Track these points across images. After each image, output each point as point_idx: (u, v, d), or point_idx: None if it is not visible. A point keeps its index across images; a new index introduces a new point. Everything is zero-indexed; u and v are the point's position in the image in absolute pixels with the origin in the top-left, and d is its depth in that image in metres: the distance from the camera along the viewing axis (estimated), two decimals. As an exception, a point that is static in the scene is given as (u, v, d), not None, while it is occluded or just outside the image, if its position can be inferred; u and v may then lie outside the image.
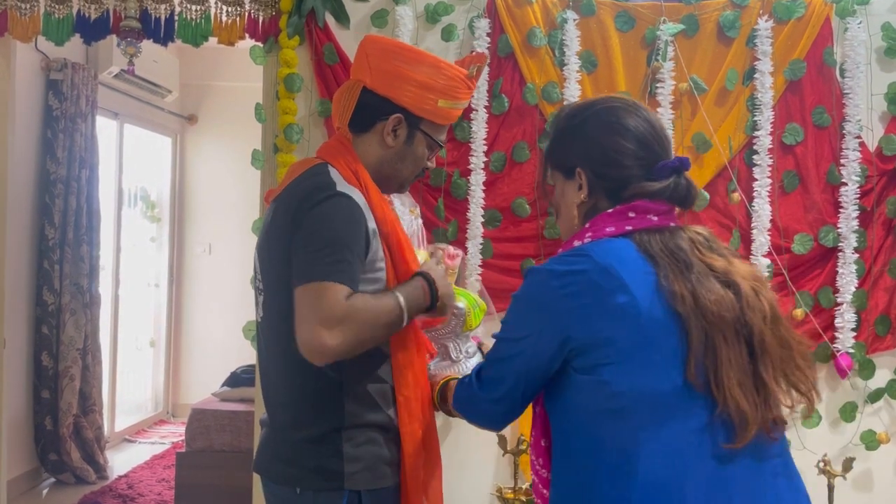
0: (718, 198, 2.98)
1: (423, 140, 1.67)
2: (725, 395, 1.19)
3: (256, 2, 3.04)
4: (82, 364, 4.54)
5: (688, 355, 1.20)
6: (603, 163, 1.34)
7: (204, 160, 6.18)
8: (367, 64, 1.65)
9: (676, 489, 1.19)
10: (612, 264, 1.24)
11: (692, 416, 1.20)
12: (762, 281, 1.29)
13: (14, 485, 4.08)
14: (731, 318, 1.22)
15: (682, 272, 1.23)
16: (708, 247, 1.29)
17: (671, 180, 1.31)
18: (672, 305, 1.21)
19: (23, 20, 3.10)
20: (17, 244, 4.12)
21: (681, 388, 1.20)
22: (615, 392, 1.22)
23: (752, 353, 1.23)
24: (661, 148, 1.34)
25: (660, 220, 1.30)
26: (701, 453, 1.20)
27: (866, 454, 2.95)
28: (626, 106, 1.37)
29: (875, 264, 2.95)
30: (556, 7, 2.97)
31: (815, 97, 2.96)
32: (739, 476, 1.21)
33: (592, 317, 1.23)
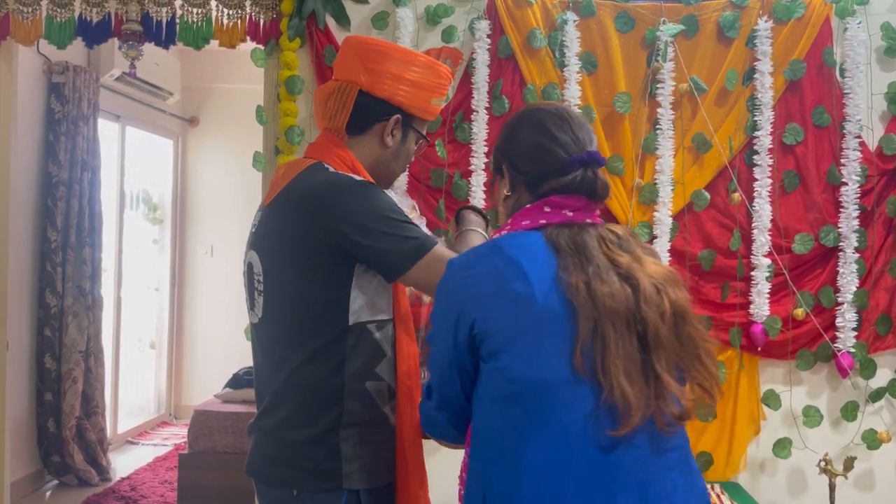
0: (719, 198, 2.98)
1: (413, 137, 1.71)
2: (611, 382, 1.21)
3: (257, 4, 3.05)
4: (85, 366, 4.55)
5: (576, 343, 1.23)
6: (521, 157, 1.41)
7: (205, 162, 6.20)
8: (360, 66, 1.64)
9: (561, 475, 1.23)
10: (515, 255, 1.29)
11: (579, 403, 1.23)
12: (672, 281, 1.31)
13: (17, 487, 4.09)
14: (624, 311, 1.24)
15: (581, 265, 1.27)
16: (617, 244, 1.32)
17: (578, 173, 1.35)
18: (567, 296, 1.25)
19: (25, 24, 3.11)
20: (20, 247, 4.13)
21: (568, 376, 1.23)
22: (510, 378, 1.27)
23: (646, 346, 1.25)
24: (576, 144, 1.38)
25: (574, 215, 1.35)
26: (585, 440, 1.23)
27: (868, 453, 2.96)
28: (552, 108, 1.43)
29: (876, 264, 2.96)
30: (556, 8, 2.98)
31: (815, 97, 2.96)
32: (625, 464, 1.23)
33: (493, 304, 1.28)
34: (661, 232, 2.93)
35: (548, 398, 1.25)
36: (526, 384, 1.26)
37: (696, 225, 2.98)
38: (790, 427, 2.99)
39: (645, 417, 1.22)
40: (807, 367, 2.96)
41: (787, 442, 2.95)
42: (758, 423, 2.99)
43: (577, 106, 2.94)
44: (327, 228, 1.51)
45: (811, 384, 3.01)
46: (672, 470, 1.26)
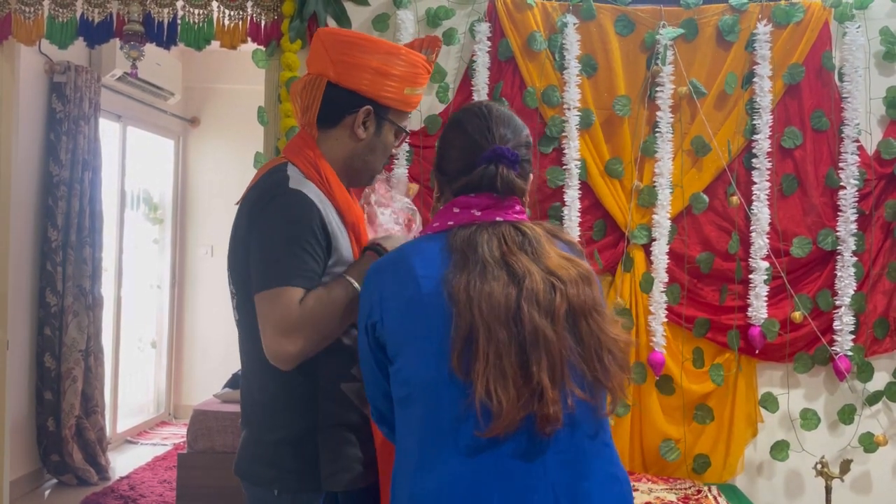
0: (717, 201, 2.99)
1: (390, 129, 1.66)
2: (480, 383, 1.20)
3: (258, 6, 3.06)
4: (85, 365, 4.56)
5: (453, 345, 1.23)
6: (441, 157, 1.43)
7: (206, 162, 6.20)
8: (327, 58, 1.61)
9: (439, 479, 1.23)
10: (411, 259, 1.31)
11: (455, 404, 1.23)
12: (579, 279, 1.28)
13: (16, 486, 4.09)
14: (503, 311, 1.23)
15: (466, 267, 1.26)
16: (519, 243, 1.30)
17: (480, 169, 1.35)
18: (449, 297, 1.25)
19: (27, 23, 3.13)
20: (21, 246, 4.14)
21: (447, 377, 1.23)
22: (403, 380, 1.29)
23: (525, 347, 1.22)
24: (489, 141, 1.37)
25: (483, 214, 1.34)
26: (457, 440, 1.23)
27: (864, 456, 2.96)
28: (476, 106, 1.43)
29: (873, 267, 2.97)
30: (557, 11, 2.99)
31: (813, 101, 2.97)
32: (494, 466, 1.22)
33: (389, 308, 1.30)
34: (659, 234, 2.94)
35: (432, 400, 1.25)
36: (415, 386, 1.27)
37: (695, 228, 2.99)
38: (787, 430, 2.99)
39: (517, 420, 1.20)
40: (804, 370, 2.97)
41: (785, 444, 2.96)
42: (755, 425, 3.00)
43: (576, 108, 2.95)
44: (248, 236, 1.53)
45: (809, 387, 3.02)
46: (559, 476, 1.23)
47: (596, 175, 2.98)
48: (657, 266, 2.94)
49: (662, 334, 2.94)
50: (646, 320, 2.95)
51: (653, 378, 2.96)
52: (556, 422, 1.21)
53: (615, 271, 2.99)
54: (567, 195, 2.96)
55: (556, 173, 2.97)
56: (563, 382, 1.23)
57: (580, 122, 2.96)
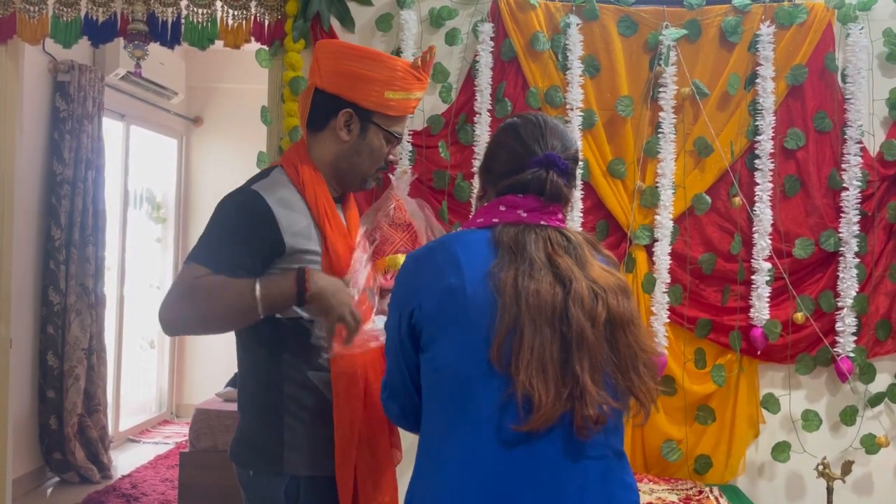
0: (720, 202, 2.99)
1: (377, 132, 1.73)
2: (521, 377, 1.22)
3: (262, 5, 3.07)
4: (87, 364, 4.57)
5: (495, 336, 1.25)
6: (491, 158, 1.47)
7: (209, 162, 6.22)
8: (318, 67, 1.73)
9: (469, 469, 1.25)
10: (456, 250, 1.33)
11: (491, 396, 1.25)
12: (618, 290, 1.32)
13: (19, 484, 4.10)
14: (549, 310, 1.25)
15: (514, 262, 1.29)
16: (563, 247, 1.34)
17: (531, 172, 1.38)
18: (494, 290, 1.27)
19: (31, 22, 3.13)
20: (24, 245, 4.15)
21: (485, 368, 1.25)
22: (436, 368, 1.30)
23: (569, 346, 1.25)
24: (541, 148, 1.40)
25: (528, 216, 1.37)
26: (493, 434, 1.25)
27: (866, 458, 2.96)
28: (531, 115, 1.47)
29: (876, 269, 2.96)
30: (560, 12, 2.99)
31: (816, 102, 2.97)
32: (530, 462, 1.23)
33: (429, 295, 1.32)
34: (661, 235, 2.94)
35: (465, 390, 1.27)
36: (448, 374, 1.29)
37: (697, 228, 2.99)
38: (789, 431, 2.99)
39: (555, 417, 1.22)
40: (806, 371, 2.97)
41: (786, 446, 2.96)
42: (757, 426, 3.00)
43: (579, 109, 2.95)
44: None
45: (810, 388, 3.02)
46: (588, 477, 1.26)
47: (598, 175, 2.98)
48: (659, 267, 2.95)
49: (664, 335, 2.94)
50: (648, 321, 2.95)
51: (654, 378, 2.96)
52: (598, 423, 1.24)
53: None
54: (569, 195, 2.96)
55: (559, 174, 2.97)
56: (599, 386, 1.25)
57: (583, 122, 2.96)
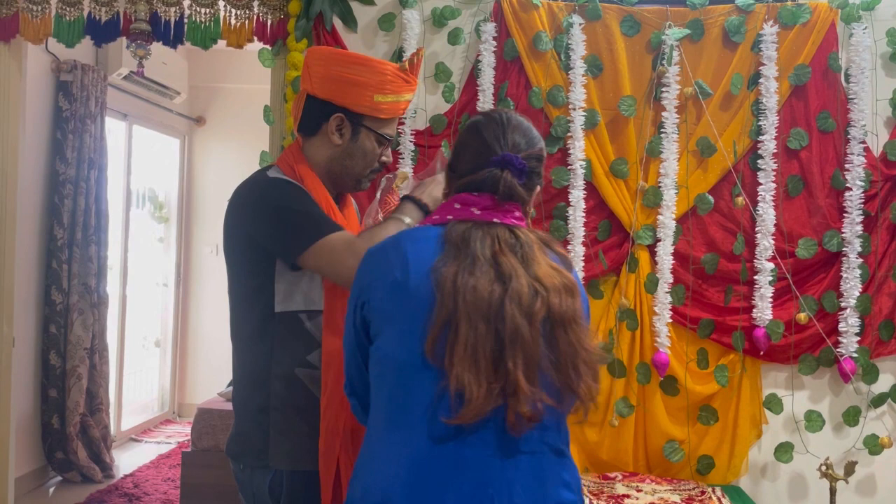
0: (723, 202, 2.99)
1: (368, 135, 1.78)
2: (454, 371, 1.24)
3: (265, 5, 3.07)
4: (89, 363, 4.57)
5: (430, 330, 1.27)
6: (453, 157, 1.49)
7: (212, 161, 6.22)
8: (309, 74, 1.79)
9: (402, 462, 1.28)
10: (406, 246, 1.36)
11: (425, 389, 1.28)
12: (563, 289, 1.32)
13: (21, 483, 4.11)
14: (485, 306, 1.27)
15: (457, 259, 1.31)
16: (511, 245, 1.34)
17: (486, 171, 1.39)
18: (434, 285, 1.29)
19: (34, 22, 3.14)
20: (27, 244, 4.16)
21: (420, 360, 1.27)
22: (379, 359, 1.34)
23: (503, 343, 1.26)
24: (501, 146, 1.42)
25: (482, 214, 1.38)
26: (424, 428, 1.28)
27: (869, 458, 2.96)
28: (495, 112, 1.48)
29: (879, 269, 2.96)
30: (562, 11, 2.99)
31: (819, 102, 2.97)
32: (459, 458, 1.26)
33: (377, 289, 1.36)
34: (664, 235, 2.94)
35: (402, 382, 1.30)
36: (389, 366, 1.32)
37: (700, 228, 2.99)
38: (792, 431, 2.99)
39: (486, 411, 1.24)
40: (809, 371, 2.97)
41: (789, 446, 2.96)
42: (759, 426, 3.00)
43: (581, 109, 2.95)
44: (240, 224, 1.70)
45: (813, 389, 3.01)
46: (519, 473, 1.27)
47: (601, 175, 2.98)
48: (662, 267, 2.94)
49: (667, 335, 2.94)
50: (650, 321, 2.95)
51: (657, 379, 2.96)
52: (530, 419, 1.25)
53: (620, 272, 2.99)
54: (572, 195, 2.96)
55: (561, 173, 2.97)
56: (533, 384, 1.26)
57: (585, 122, 2.96)
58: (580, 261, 2.95)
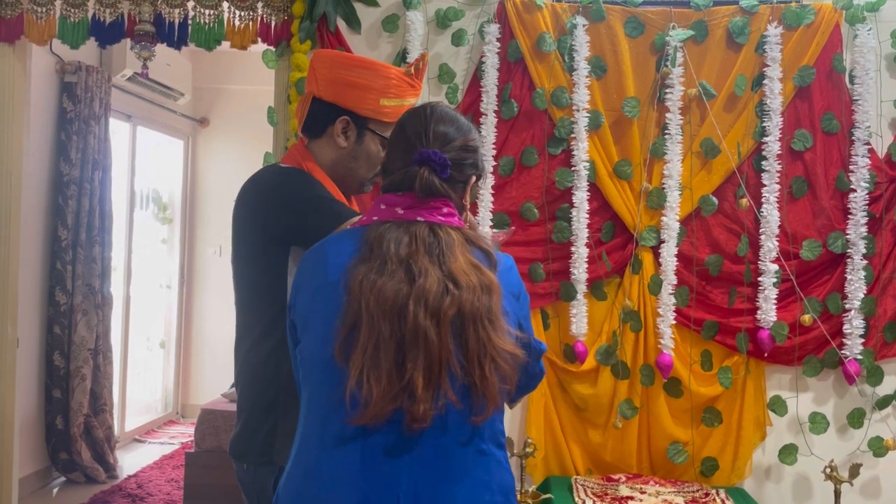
0: (727, 203, 2.98)
1: (373, 139, 1.79)
2: (356, 372, 1.24)
3: (269, 6, 3.07)
4: (93, 364, 4.58)
5: (338, 332, 1.28)
6: (385, 157, 1.48)
7: (215, 163, 6.23)
8: (314, 77, 1.80)
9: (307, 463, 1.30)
10: (328, 249, 1.38)
11: (333, 390, 1.28)
12: (477, 288, 1.29)
13: (25, 483, 4.11)
14: (390, 306, 1.26)
15: (368, 260, 1.31)
16: (426, 245, 1.32)
17: (404, 170, 1.38)
18: (343, 288, 1.30)
19: (39, 23, 3.14)
20: (31, 245, 4.16)
21: (329, 359, 1.28)
22: (301, 359, 1.35)
23: (404, 343, 1.26)
24: (422, 142, 1.40)
25: (406, 213, 1.37)
26: (329, 425, 1.29)
27: (874, 461, 2.95)
28: (419, 108, 1.46)
29: (884, 271, 2.95)
30: (566, 13, 2.99)
31: (824, 103, 2.96)
32: (360, 455, 1.26)
33: (300, 292, 1.38)
34: (668, 237, 2.94)
35: (316, 383, 1.32)
36: (307, 366, 1.34)
37: (704, 230, 2.98)
38: (796, 433, 2.98)
39: (386, 413, 1.24)
40: (813, 373, 2.96)
41: (793, 448, 2.95)
42: (764, 428, 2.99)
43: (585, 110, 2.95)
44: (252, 217, 1.69)
45: (818, 391, 3.00)
46: (428, 474, 1.27)
47: (605, 176, 2.97)
48: (666, 268, 2.94)
49: (671, 337, 2.93)
50: (654, 322, 2.95)
51: (661, 380, 2.95)
52: (423, 420, 1.24)
53: (623, 273, 2.99)
54: (575, 196, 2.95)
55: (565, 175, 2.97)
56: (439, 384, 1.25)
57: (589, 123, 2.96)
58: (584, 262, 2.95)
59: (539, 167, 2.99)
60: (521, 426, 3.03)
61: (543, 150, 2.99)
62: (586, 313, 2.97)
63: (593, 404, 2.98)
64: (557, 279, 2.98)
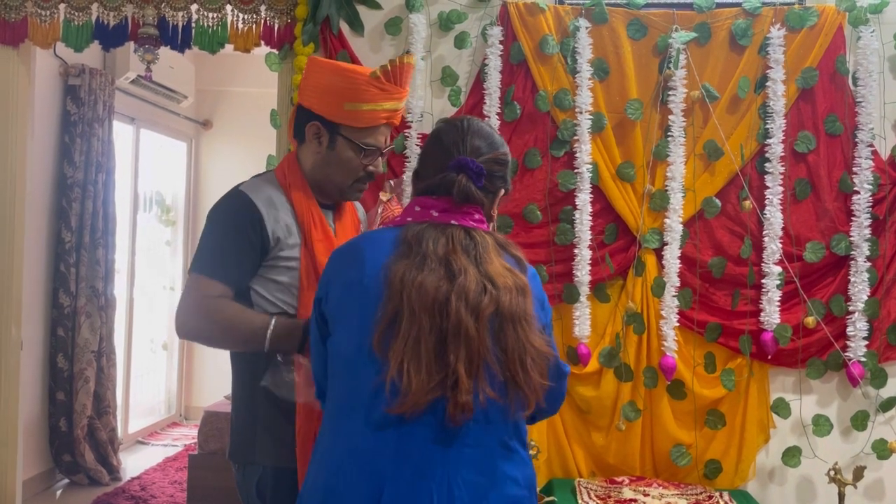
0: (730, 205, 2.98)
1: (346, 144, 1.78)
2: (395, 362, 1.27)
3: (272, 9, 3.08)
4: (97, 366, 4.59)
5: (378, 323, 1.31)
6: (418, 164, 1.54)
7: (219, 165, 6.24)
8: (301, 83, 1.85)
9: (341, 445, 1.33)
10: (362, 245, 1.42)
11: (370, 380, 1.31)
12: (513, 289, 1.35)
13: (29, 485, 4.12)
14: (430, 301, 1.30)
15: (408, 257, 1.35)
16: (464, 245, 1.38)
17: (443, 175, 1.43)
18: (384, 282, 1.33)
19: (43, 27, 3.15)
20: (35, 247, 4.17)
21: (367, 353, 1.31)
22: (333, 353, 1.39)
23: (446, 337, 1.29)
24: (459, 150, 1.46)
25: (440, 216, 1.42)
26: (366, 415, 1.31)
27: (877, 463, 2.94)
28: (457, 120, 1.53)
29: (887, 273, 2.94)
30: (569, 15, 2.99)
31: (827, 105, 2.96)
32: (396, 444, 1.29)
33: (334, 287, 1.41)
34: (671, 239, 2.93)
35: (351, 374, 1.35)
36: (339, 359, 1.37)
37: (707, 232, 2.98)
38: (800, 436, 2.98)
39: (425, 402, 1.27)
40: (817, 375, 2.95)
41: (797, 450, 2.95)
42: (767, 431, 2.99)
43: (588, 112, 2.95)
44: None
45: (821, 393, 3.00)
46: (460, 464, 1.30)
47: (608, 179, 2.97)
48: (669, 270, 2.94)
49: (674, 339, 2.93)
50: (657, 325, 2.95)
51: (664, 383, 2.95)
52: (468, 411, 1.27)
53: (626, 275, 2.99)
54: (578, 199, 2.95)
55: (568, 177, 2.97)
56: (477, 378, 1.29)
57: (592, 125, 2.96)
58: (587, 264, 2.95)
59: (542, 169, 2.99)
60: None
61: (546, 152, 2.99)
62: (589, 315, 2.97)
63: (596, 406, 2.98)
64: (560, 281, 2.98)
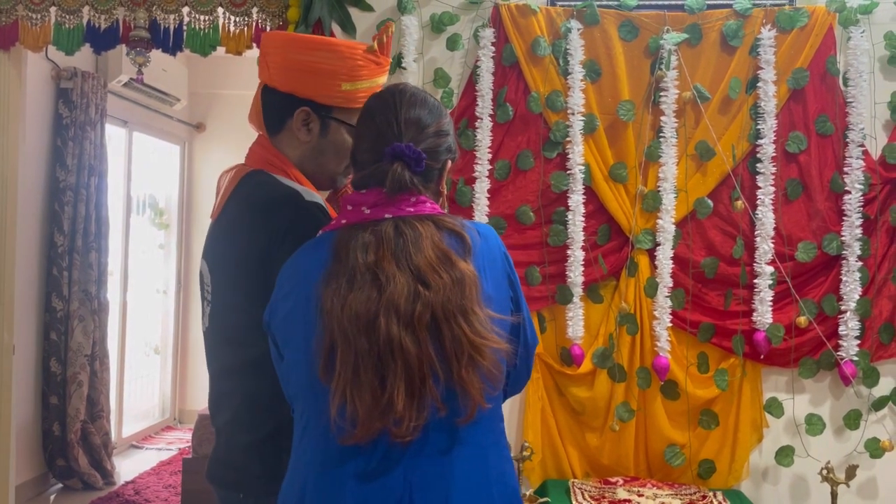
0: (722, 206, 2.99)
1: (339, 128, 1.58)
2: (337, 393, 1.19)
3: (264, 12, 3.08)
4: (90, 370, 4.58)
5: (320, 353, 1.21)
6: (353, 146, 1.37)
7: (212, 168, 6.23)
8: (265, 63, 1.58)
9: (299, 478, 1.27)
10: (301, 260, 1.30)
11: (323, 408, 1.22)
12: (447, 285, 1.21)
13: (22, 490, 4.11)
14: (363, 324, 1.19)
15: (336, 275, 1.23)
16: (394, 246, 1.23)
17: (374, 167, 1.28)
18: (315, 307, 1.23)
19: (34, 30, 3.15)
20: (27, 251, 4.16)
21: (317, 383, 1.22)
22: (286, 379, 1.31)
23: (384, 358, 1.19)
24: (393, 132, 1.29)
25: (372, 212, 1.27)
26: (321, 446, 1.24)
27: (870, 462, 2.95)
28: (386, 93, 1.34)
29: (879, 272, 2.96)
30: (561, 16, 3.00)
31: (818, 106, 2.97)
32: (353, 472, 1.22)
33: (276, 312, 1.30)
34: (664, 239, 2.94)
35: (306, 399, 1.27)
36: (295, 384, 1.29)
37: (700, 232, 2.99)
38: (793, 435, 2.99)
39: (375, 430, 1.19)
40: (809, 375, 2.96)
41: (790, 450, 2.95)
42: (760, 430, 2.99)
43: (580, 113, 2.95)
44: (260, 242, 1.46)
45: (814, 392, 3.01)
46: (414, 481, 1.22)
47: (600, 180, 2.98)
48: (661, 271, 2.94)
49: (667, 339, 2.93)
50: (650, 325, 2.95)
51: (657, 383, 2.96)
52: (406, 436, 1.19)
53: (619, 276, 2.99)
54: (571, 200, 2.96)
55: (560, 178, 2.97)
56: (423, 393, 1.19)
57: (584, 126, 2.97)
58: (580, 265, 2.95)
59: (534, 171, 3.00)
60: (517, 430, 3.03)
61: (539, 153, 2.99)
62: (582, 316, 2.98)
63: (590, 407, 2.98)
64: (553, 282, 2.98)
